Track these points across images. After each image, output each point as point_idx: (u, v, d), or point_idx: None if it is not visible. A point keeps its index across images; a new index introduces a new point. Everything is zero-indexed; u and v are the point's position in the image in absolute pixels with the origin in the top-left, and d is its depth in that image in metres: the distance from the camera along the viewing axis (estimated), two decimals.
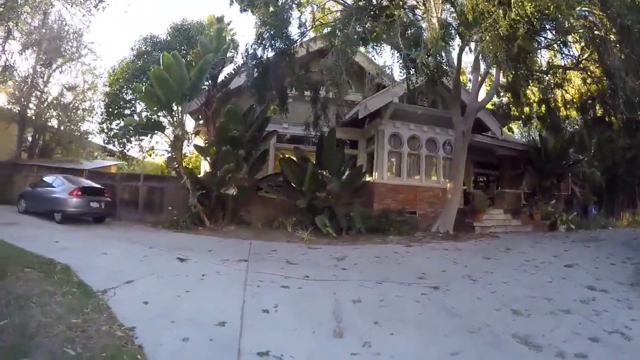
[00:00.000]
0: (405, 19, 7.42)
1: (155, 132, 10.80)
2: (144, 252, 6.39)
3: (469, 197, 15.97)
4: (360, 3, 8.68)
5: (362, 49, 10.40)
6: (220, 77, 11.80)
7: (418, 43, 7.00)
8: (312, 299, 4.52)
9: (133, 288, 4.41)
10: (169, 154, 10.34)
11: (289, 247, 7.68)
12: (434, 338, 3.69)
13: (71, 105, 15.32)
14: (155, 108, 10.29)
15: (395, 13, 7.08)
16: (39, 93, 14.53)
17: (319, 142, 11.06)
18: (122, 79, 16.08)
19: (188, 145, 11.39)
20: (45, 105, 14.78)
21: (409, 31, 7.33)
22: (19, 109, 13.84)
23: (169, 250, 6.64)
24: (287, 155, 11.96)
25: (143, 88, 10.85)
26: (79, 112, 15.62)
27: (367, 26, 7.60)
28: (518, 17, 6.24)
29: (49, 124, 15.38)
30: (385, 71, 11.16)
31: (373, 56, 11.93)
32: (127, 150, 17.55)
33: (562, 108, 13.81)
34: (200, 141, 12.34)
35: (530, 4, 6.14)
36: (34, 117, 14.26)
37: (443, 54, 8.05)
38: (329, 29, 8.98)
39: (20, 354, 2.71)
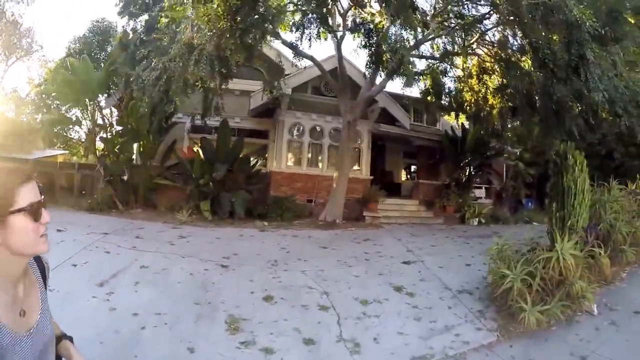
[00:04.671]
0: None
1: (71, 126, 13.06)
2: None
3: (399, 186, 16.92)
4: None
5: None
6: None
7: None
8: (114, 260, 6.34)
9: None
10: (85, 145, 12.61)
11: (157, 227, 9.15)
12: (159, 298, 5.00)
13: (26, 99, 17.66)
14: (68, 105, 12.54)
15: None
16: None
17: (217, 132, 12.60)
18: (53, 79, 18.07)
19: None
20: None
21: None
22: None
23: (61, 225, 7.81)
24: (198, 144, 13.41)
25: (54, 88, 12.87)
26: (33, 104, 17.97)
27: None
28: None
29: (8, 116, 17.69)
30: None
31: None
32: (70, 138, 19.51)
33: (489, 97, 12.69)
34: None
35: None
36: None
37: None
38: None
39: None
